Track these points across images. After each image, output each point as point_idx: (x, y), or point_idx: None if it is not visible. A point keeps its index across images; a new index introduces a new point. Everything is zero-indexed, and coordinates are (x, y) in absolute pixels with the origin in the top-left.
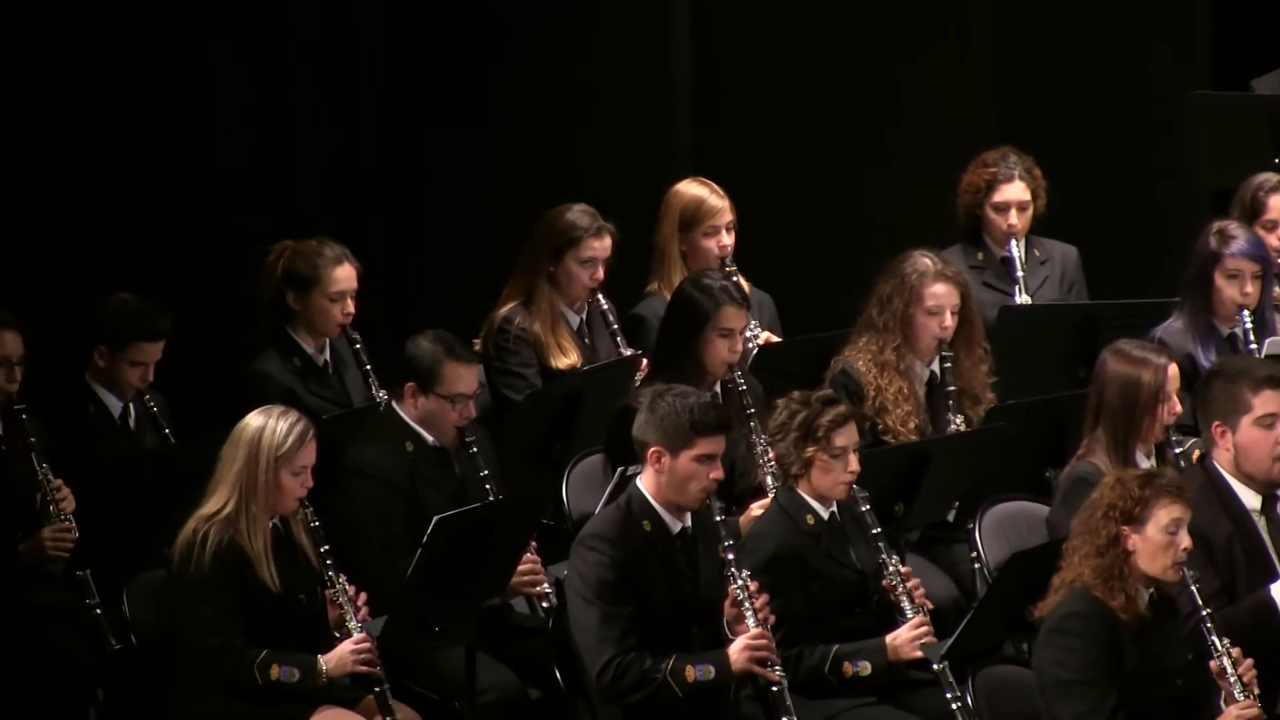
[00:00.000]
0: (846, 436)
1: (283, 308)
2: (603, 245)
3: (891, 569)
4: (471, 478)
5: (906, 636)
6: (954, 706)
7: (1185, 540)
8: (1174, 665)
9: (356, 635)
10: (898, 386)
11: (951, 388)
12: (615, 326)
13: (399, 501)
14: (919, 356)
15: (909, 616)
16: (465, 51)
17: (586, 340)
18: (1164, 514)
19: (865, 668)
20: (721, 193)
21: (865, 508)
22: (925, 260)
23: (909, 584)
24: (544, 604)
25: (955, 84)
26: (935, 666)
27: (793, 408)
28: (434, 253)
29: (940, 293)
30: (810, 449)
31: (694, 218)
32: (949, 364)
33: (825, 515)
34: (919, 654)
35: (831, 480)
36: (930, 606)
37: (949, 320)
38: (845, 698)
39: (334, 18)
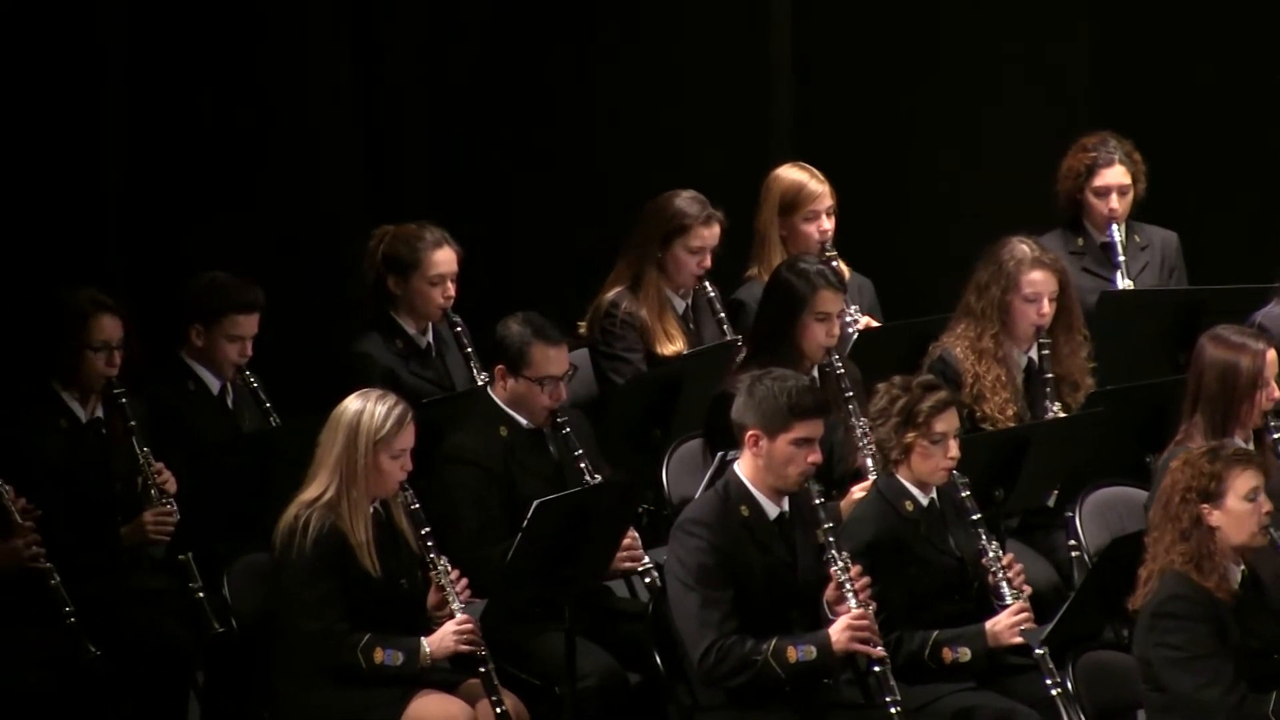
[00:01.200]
0: (947, 422)
1: (384, 292)
2: (712, 233)
3: (991, 555)
4: (567, 459)
5: (1006, 622)
6: (1054, 693)
7: (1266, 504)
8: (1272, 640)
9: (459, 616)
10: (995, 374)
11: (1049, 374)
12: (722, 315)
13: (494, 487)
14: (1017, 343)
15: (1008, 602)
16: (564, 34)
17: (691, 326)
18: (1241, 483)
19: (965, 653)
20: (822, 177)
21: (965, 494)
22: (1023, 247)
23: (1010, 570)
24: (646, 580)
25: (1055, 67)
26: (1035, 652)
27: (893, 393)
28: (534, 236)
29: (1038, 280)
30: (910, 434)
31: (794, 202)
32: (1047, 351)
33: (924, 501)
34: (1019, 640)
35: (931, 466)
36: (1029, 591)
37: (1047, 307)
38: (944, 683)
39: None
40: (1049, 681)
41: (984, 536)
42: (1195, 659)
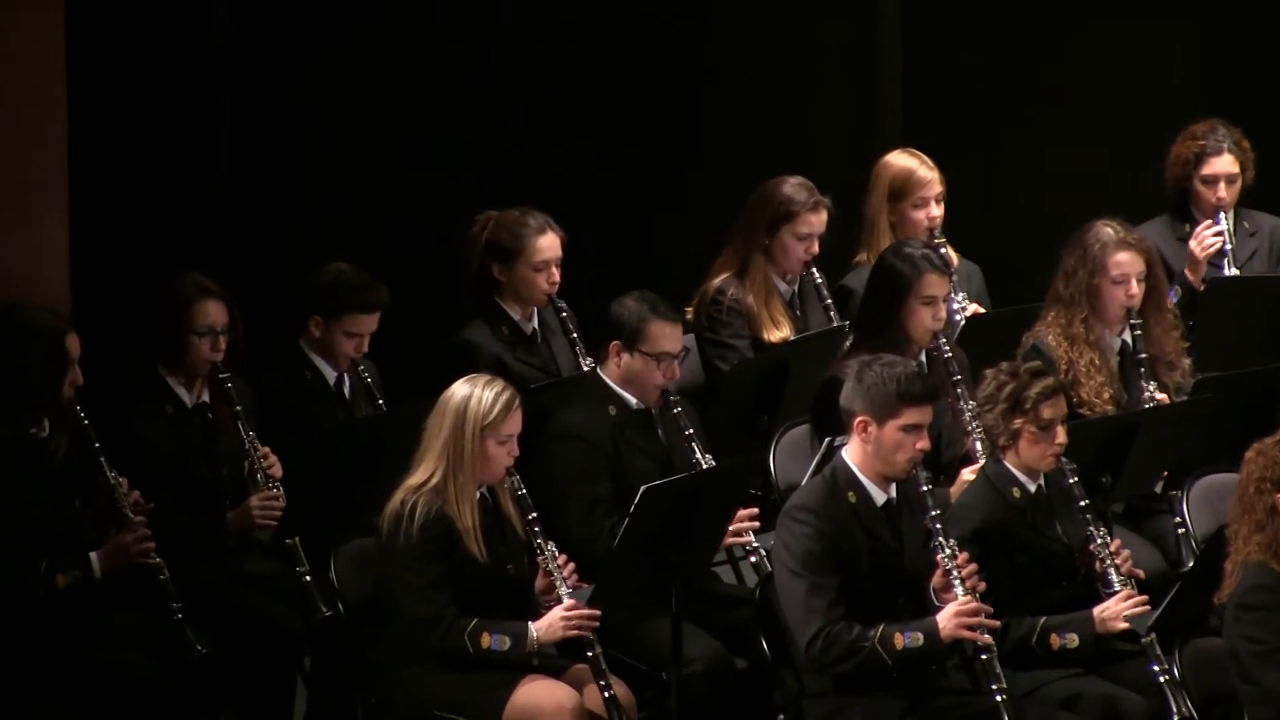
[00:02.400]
0: (1054, 409)
1: (488, 278)
2: (819, 219)
3: (1099, 541)
4: (676, 441)
5: (1114, 609)
6: (1162, 680)
7: None
8: None
9: (567, 601)
10: (1089, 358)
11: (1143, 355)
12: (828, 300)
13: (603, 463)
14: (1108, 326)
15: (1116, 589)
16: (674, 22)
17: (798, 312)
18: None
19: (1073, 640)
20: (931, 164)
21: (1073, 480)
22: (1108, 230)
23: (1118, 557)
24: (753, 560)
25: (1161, 52)
26: (1143, 639)
27: (1000, 379)
28: (641, 221)
29: (1124, 261)
30: (1018, 421)
31: (903, 189)
32: (1139, 332)
33: (1032, 488)
34: (1126, 626)
35: (1039, 452)
36: (1141, 576)
37: (1135, 288)
38: (1051, 669)
39: None
40: (1157, 668)
41: (1091, 523)
42: (1277, 651)
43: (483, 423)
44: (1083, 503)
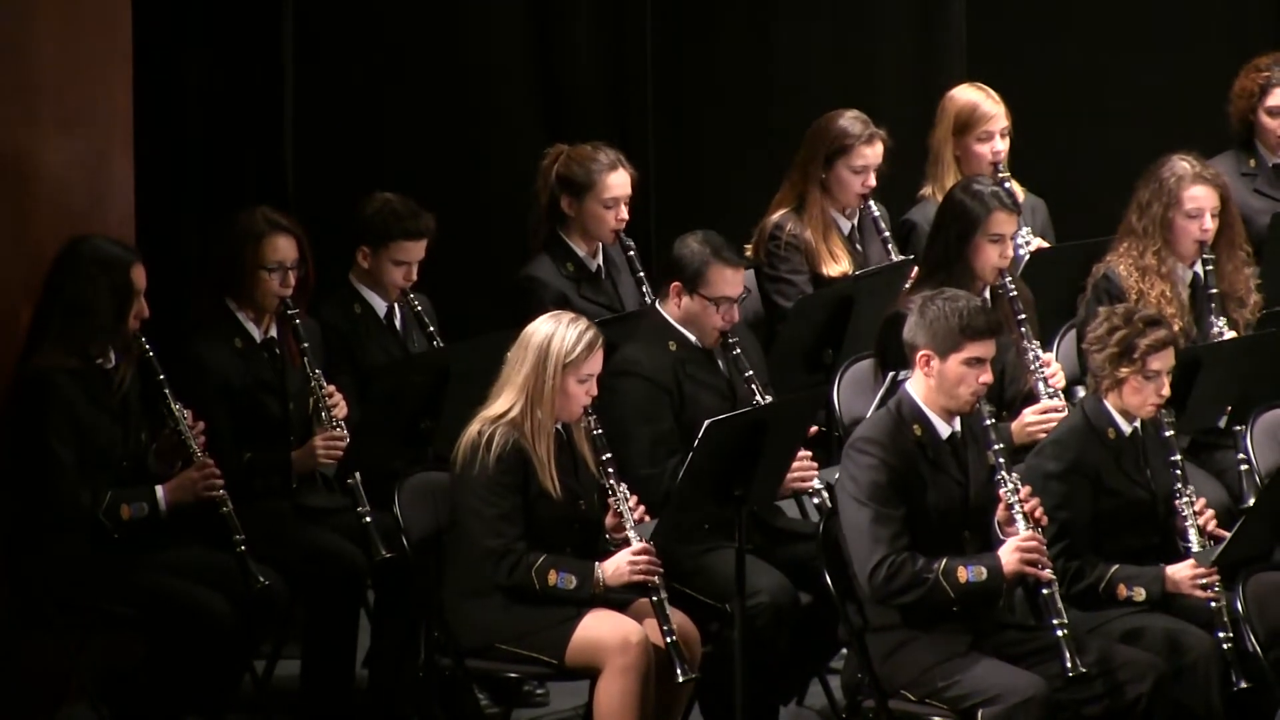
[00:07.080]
0: (1163, 361)
1: (557, 213)
2: (875, 152)
3: (1186, 498)
4: (738, 377)
5: (1188, 574)
6: (1225, 647)
7: None
8: None
9: (635, 545)
10: (1160, 290)
11: (1214, 290)
12: (887, 233)
13: (665, 399)
14: (1180, 260)
15: (1194, 548)
16: None
17: (858, 247)
18: None
19: (1140, 594)
20: (997, 98)
21: (1169, 433)
22: (1184, 164)
23: (1201, 516)
24: (814, 501)
25: None
26: (1212, 604)
27: (1114, 322)
28: (710, 158)
29: (1199, 195)
30: (1125, 369)
31: (969, 123)
32: (1211, 266)
33: (1127, 430)
34: (1198, 594)
35: (1141, 400)
36: (1223, 535)
37: (1209, 223)
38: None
39: None
40: (1220, 635)
41: (1180, 479)
42: None
43: (565, 360)
44: (1175, 456)
